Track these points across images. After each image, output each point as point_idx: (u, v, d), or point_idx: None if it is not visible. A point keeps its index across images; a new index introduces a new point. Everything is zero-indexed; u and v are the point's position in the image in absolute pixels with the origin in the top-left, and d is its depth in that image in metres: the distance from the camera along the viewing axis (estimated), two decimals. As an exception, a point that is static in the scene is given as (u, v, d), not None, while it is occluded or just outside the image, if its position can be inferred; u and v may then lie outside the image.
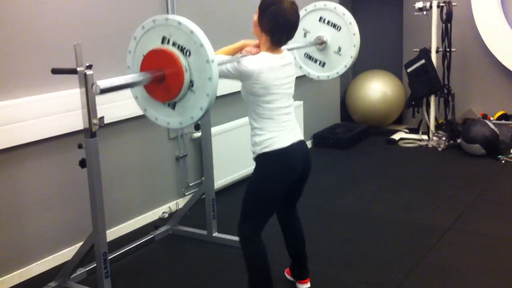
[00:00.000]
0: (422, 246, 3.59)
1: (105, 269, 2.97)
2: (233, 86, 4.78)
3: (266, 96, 2.66)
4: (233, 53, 2.80)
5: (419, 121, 6.23)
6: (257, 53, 2.72)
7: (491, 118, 5.90)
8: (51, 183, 3.46)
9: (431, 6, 5.92)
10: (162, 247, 3.76)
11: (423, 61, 5.94)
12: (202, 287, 3.20)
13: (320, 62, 3.70)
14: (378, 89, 6.59)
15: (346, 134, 6.13)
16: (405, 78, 6.33)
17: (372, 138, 6.37)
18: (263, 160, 2.72)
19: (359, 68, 7.30)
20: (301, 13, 3.60)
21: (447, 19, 5.88)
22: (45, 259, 3.46)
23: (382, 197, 4.57)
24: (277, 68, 2.68)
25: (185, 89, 2.40)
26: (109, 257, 3.12)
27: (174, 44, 2.41)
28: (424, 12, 5.95)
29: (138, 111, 3.90)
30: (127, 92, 3.90)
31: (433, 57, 5.97)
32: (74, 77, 2.76)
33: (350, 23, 3.55)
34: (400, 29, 6.86)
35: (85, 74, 2.69)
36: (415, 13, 6.04)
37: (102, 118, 2.78)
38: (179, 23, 2.38)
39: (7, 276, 3.26)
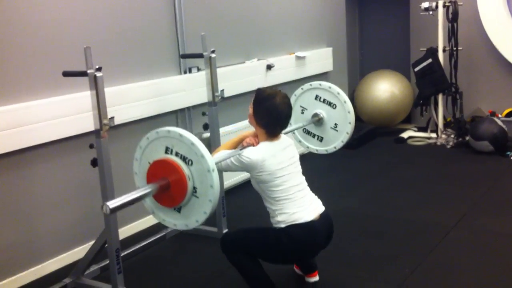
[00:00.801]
0: (428, 243, 3.62)
1: (117, 265, 3.06)
2: (241, 87, 4.90)
3: (275, 181, 2.78)
4: (234, 146, 2.95)
5: (428, 120, 6.27)
6: (257, 143, 2.87)
7: (499, 115, 5.93)
8: (64, 183, 3.56)
9: (437, 6, 5.97)
10: (173, 244, 3.85)
11: (430, 60, 5.99)
12: (212, 283, 3.28)
13: (318, 137, 3.84)
14: (386, 89, 6.64)
15: (354, 134, 6.06)
16: (413, 78, 6.38)
17: (380, 138, 6.42)
18: (291, 230, 2.78)
19: (366, 68, 7.37)
20: (298, 91, 3.81)
21: (453, 18, 5.93)
22: (59, 257, 3.55)
23: (388, 195, 4.62)
24: (279, 153, 2.83)
25: (189, 195, 2.53)
26: (122, 255, 3.22)
27: (177, 154, 2.54)
28: (430, 12, 6.01)
29: (148, 113, 4.04)
30: (137, 94, 4.02)
31: (440, 56, 6.01)
32: (85, 79, 2.87)
33: (345, 102, 3.67)
34: (407, 29, 6.91)
35: (95, 76, 2.81)
36: (421, 13, 6.09)
37: (112, 118, 2.89)
38: (180, 135, 2.51)
39: (23, 273, 3.36)
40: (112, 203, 2.43)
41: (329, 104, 3.71)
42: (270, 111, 2.81)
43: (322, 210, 2.91)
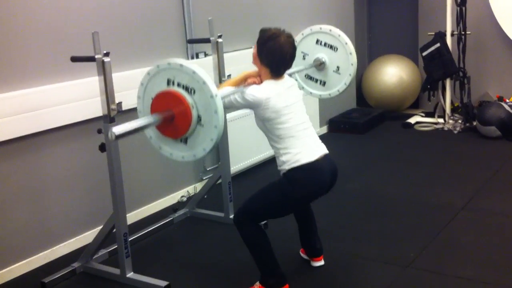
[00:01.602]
0: (436, 224, 3.65)
1: (125, 249, 3.10)
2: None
3: (279, 118, 2.77)
4: (237, 84, 2.92)
5: (435, 105, 6.25)
6: (260, 82, 2.85)
7: (507, 100, 5.89)
8: (73, 168, 3.59)
9: (445, -11, 5.93)
10: (180, 229, 3.88)
11: (438, 45, 5.96)
12: (219, 265, 3.31)
13: (320, 82, 3.81)
14: (394, 74, 6.62)
15: (361, 119, 6.18)
16: (421, 62, 6.36)
17: (388, 123, 6.42)
18: (294, 174, 2.78)
19: (374, 53, 7.34)
20: (298, 37, 3.77)
21: (461, 2, 5.88)
22: (68, 241, 3.59)
23: (396, 178, 4.63)
24: (283, 92, 2.81)
25: (194, 124, 2.54)
26: (130, 239, 3.25)
27: (179, 84, 2.55)
28: (439, -4, 5.97)
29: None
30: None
31: (448, 40, 5.98)
32: (93, 64, 2.88)
33: (346, 43, 3.66)
34: (415, 13, 6.87)
35: (102, 61, 2.82)
36: (430, -3, 6.05)
37: (120, 103, 2.91)
38: (181, 65, 2.52)
39: (33, 257, 3.40)
40: (117, 129, 2.45)
41: (330, 47, 3.69)
42: (274, 51, 2.78)
43: (325, 152, 2.90)
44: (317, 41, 3.74)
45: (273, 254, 2.87)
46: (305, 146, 2.81)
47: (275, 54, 2.78)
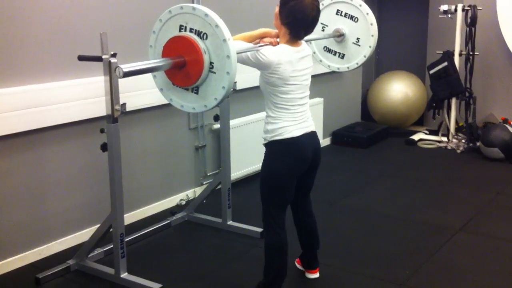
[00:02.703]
0: (432, 245, 3.64)
1: (121, 249, 3.10)
2: (253, 80, 4.89)
3: (283, 87, 2.75)
4: (253, 40, 2.87)
5: (439, 123, 6.25)
6: (276, 44, 2.81)
7: (512, 123, 5.90)
8: (74, 166, 3.60)
9: (456, 9, 5.93)
10: (177, 232, 3.88)
11: (445, 64, 5.96)
12: (215, 273, 3.30)
13: (339, 54, 3.77)
14: (400, 90, 6.62)
15: (365, 133, 6.18)
16: (428, 80, 6.36)
17: (391, 139, 6.41)
18: (272, 147, 2.82)
19: (382, 68, 7.35)
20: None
21: (471, 22, 5.89)
22: (65, 238, 3.60)
23: (395, 196, 4.62)
24: (295, 61, 2.76)
25: (205, 71, 2.49)
26: (126, 240, 3.26)
27: (191, 30, 2.52)
28: (449, 15, 5.96)
29: (160, 101, 4.05)
30: (150, 82, 4.03)
31: (456, 60, 5.98)
32: (99, 64, 2.89)
33: (367, 14, 3.62)
34: (425, 31, 6.87)
35: (109, 62, 2.82)
36: (440, 16, 6.05)
37: (124, 104, 2.91)
38: (193, 8, 2.50)
39: (28, 252, 3.41)
40: (126, 67, 2.46)
41: (351, 17, 3.66)
42: (296, 11, 2.71)
43: (312, 130, 2.91)
44: (337, 11, 3.69)
45: (285, 266, 2.89)
46: (294, 121, 2.81)
47: (297, 15, 2.71)
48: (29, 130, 3.29)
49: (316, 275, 3.19)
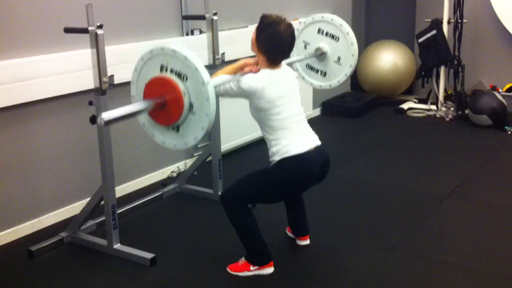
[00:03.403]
0: (420, 212, 3.69)
1: (113, 220, 3.13)
2: (243, 52, 4.88)
3: (273, 109, 2.78)
4: (234, 72, 2.91)
5: (428, 92, 6.28)
6: (257, 71, 2.85)
7: (500, 90, 5.93)
8: (63, 139, 3.60)
9: (444, -23, 5.91)
10: (169, 204, 3.91)
11: (434, 32, 5.96)
12: (206, 243, 3.34)
13: (321, 72, 3.83)
14: (389, 59, 6.62)
15: (355, 103, 6.20)
16: (417, 49, 6.36)
17: (381, 108, 6.44)
18: (282, 165, 2.81)
19: (371, 38, 7.33)
20: (300, 26, 3.78)
21: (460, -10, 5.89)
22: (57, 211, 3.62)
23: (385, 165, 4.66)
24: (279, 81, 2.81)
25: (185, 112, 2.55)
26: (118, 212, 3.29)
27: (171, 71, 2.56)
28: (437, -17, 5.95)
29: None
30: (138, 54, 4.02)
31: (445, 28, 5.98)
32: (86, 37, 2.88)
33: (348, 33, 3.67)
34: (413, 0, 6.86)
35: (96, 33, 2.82)
36: (428, -16, 6.04)
37: (112, 76, 2.92)
38: (174, 51, 2.53)
39: (21, 225, 3.43)
40: (107, 115, 2.46)
41: (332, 37, 3.70)
42: (272, 38, 2.77)
43: (317, 144, 2.92)
44: (319, 30, 3.74)
45: (259, 233, 2.90)
46: (296, 138, 2.83)
47: (273, 42, 2.78)
48: (17, 104, 3.28)
49: (307, 241, 3.24)
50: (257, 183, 2.86)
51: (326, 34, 3.72)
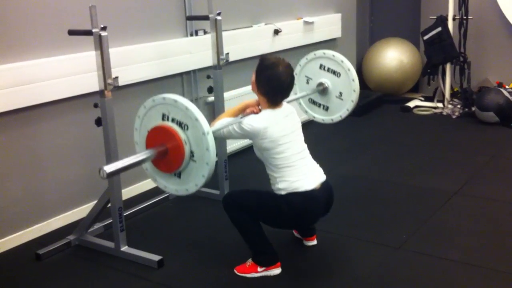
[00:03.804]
0: (427, 209, 3.67)
1: (120, 223, 3.13)
2: (247, 51, 4.89)
3: (277, 148, 2.79)
4: (236, 115, 2.95)
5: (435, 89, 6.25)
6: (259, 112, 2.89)
7: (506, 87, 5.89)
8: (69, 142, 3.60)
9: (448, -27, 5.89)
10: (176, 205, 3.91)
11: (439, 29, 5.94)
12: (213, 243, 3.34)
13: (323, 107, 3.85)
14: (395, 57, 6.60)
15: (360, 101, 6.08)
16: (422, 46, 6.33)
17: (386, 106, 6.42)
18: (291, 198, 2.80)
19: (376, 35, 7.31)
20: (302, 61, 3.82)
21: (464, -14, 5.86)
22: (64, 214, 3.62)
23: (391, 162, 4.65)
24: (281, 120, 2.83)
25: (186, 159, 2.58)
26: (126, 214, 3.29)
27: (173, 120, 2.59)
28: (442, -21, 5.93)
29: (152, 74, 4.05)
30: (142, 55, 4.03)
31: (450, 24, 5.96)
32: (91, 38, 2.88)
33: (349, 70, 3.69)
34: (418, -3, 6.84)
35: (99, 35, 2.82)
36: (433, -20, 6.02)
37: (116, 78, 2.92)
38: (175, 101, 2.56)
39: (28, 229, 3.44)
40: (109, 168, 2.49)
41: (333, 72, 3.73)
42: (272, 80, 2.81)
43: (323, 179, 2.93)
44: (321, 66, 3.78)
45: (263, 233, 2.90)
46: (302, 175, 2.84)
47: (273, 83, 2.81)
48: (22, 107, 3.29)
49: (314, 242, 3.23)
50: (262, 202, 2.87)
51: (328, 70, 3.75)
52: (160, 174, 2.74)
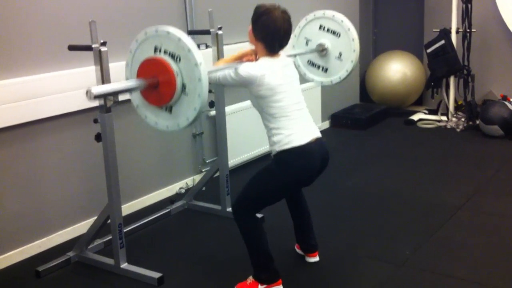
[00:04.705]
0: (433, 223, 3.62)
1: (120, 239, 3.09)
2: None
3: (274, 96, 2.75)
4: (233, 62, 2.91)
5: (438, 102, 6.22)
6: (256, 60, 2.84)
7: (511, 100, 5.85)
8: (69, 157, 3.58)
9: (451, -14, 5.88)
10: (177, 221, 3.87)
11: (443, 42, 5.92)
12: (214, 259, 3.30)
13: (322, 68, 3.81)
14: (398, 70, 6.58)
15: (364, 115, 6.15)
16: (425, 59, 6.31)
17: (390, 119, 6.39)
18: (283, 157, 2.77)
19: (379, 48, 7.30)
20: (302, 22, 3.78)
21: (467, -1, 5.84)
22: (64, 230, 3.59)
23: (396, 175, 4.61)
24: (279, 69, 2.79)
25: (178, 92, 2.55)
26: (126, 230, 3.26)
27: (165, 52, 2.57)
28: (445, -8, 5.92)
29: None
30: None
31: (453, 37, 5.94)
32: (90, 54, 2.87)
33: (349, 29, 3.65)
34: (421, 9, 6.82)
35: (99, 50, 2.81)
36: (436, -7, 6.01)
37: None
38: (168, 32, 2.54)
39: (28, 246, 3.40)
40: (96, 89, 2.48)
41: (333, 33, 3.70)
42: (268, 25, 2.75)
43: (318, 135, 2.88)
44: (320, 26, 3.73)
45: (268, 249, 2.86)
46: (297, 127, 2.79)
47: (269, 28, 2.75)
48: (22, 123, 3.27)
49: (316, 258, 3.18)
50: (259, 184, 2.83)
51: (328, 30, 3.71)
52: (151, 109, 2.70)
